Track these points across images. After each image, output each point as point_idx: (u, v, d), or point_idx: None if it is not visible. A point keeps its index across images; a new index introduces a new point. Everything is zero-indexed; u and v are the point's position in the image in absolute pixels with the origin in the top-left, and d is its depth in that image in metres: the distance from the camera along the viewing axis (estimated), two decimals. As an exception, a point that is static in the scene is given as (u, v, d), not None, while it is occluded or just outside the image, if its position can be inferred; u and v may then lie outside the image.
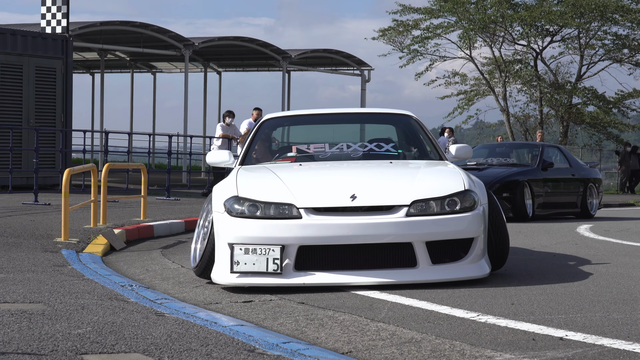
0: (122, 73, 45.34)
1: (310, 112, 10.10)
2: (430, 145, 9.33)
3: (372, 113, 10.41)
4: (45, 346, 4.99)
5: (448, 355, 5.16)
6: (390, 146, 9.29)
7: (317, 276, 7.41)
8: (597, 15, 39.15)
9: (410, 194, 7.59)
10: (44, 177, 21.72)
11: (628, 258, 10.33)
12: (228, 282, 7.49)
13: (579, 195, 19.59)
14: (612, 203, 27.82)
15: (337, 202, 7.50)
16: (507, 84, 41.42)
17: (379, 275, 7.42)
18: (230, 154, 9.18)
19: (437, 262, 7.52)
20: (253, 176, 8.31)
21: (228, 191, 7.77)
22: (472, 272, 7.64)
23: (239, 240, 7.42)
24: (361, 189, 7.63)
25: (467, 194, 7.70)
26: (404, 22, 40.83)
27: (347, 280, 7.41)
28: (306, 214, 7.45)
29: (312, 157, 9.18)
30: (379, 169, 8.58)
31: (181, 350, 5.01)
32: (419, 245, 7.45)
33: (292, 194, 7.59)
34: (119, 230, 12.11)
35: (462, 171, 8.19)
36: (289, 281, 7.39)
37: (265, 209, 7.52)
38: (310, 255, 7.44)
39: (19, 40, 22.24)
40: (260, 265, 7.35)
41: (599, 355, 5.03)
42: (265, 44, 35.61)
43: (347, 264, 7.45)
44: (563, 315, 6.33)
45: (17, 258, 9.43)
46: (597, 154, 45.01)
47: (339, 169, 8.60)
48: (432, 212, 7.55)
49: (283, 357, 4.91)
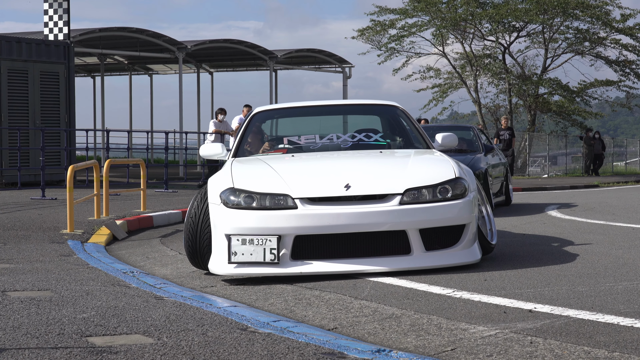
0: (120, 75, 45.30)
1: (299, 105, 9.79)
2: (417, 134, 9.03)
3: (359, 104, 9.98)
4: (52, 330, 4.98)
5: (426, 329, 5.17)
6: (378, 136, 9.01)
7: (314, 265, 7.10)
8: (559, 11, 39.20)
9: (403, 183, 7.30)
10: (50, 174, 21.67)
11: (592, 235, 10.36)
12: (226, 272, 7.20)
13: (502, 181, 16.72)
14: (578, 185, 27.88)
15: (332, 192, 7.23)
16: (478, 77, 41.45)
17: (375, 263, 7.13)
18: (223, 147, 8.92)
19: (430, 249, 7.24)
20: (247, 168, 8.00)
21: (224, 183, 7.48)
22: (464, 258, 7.36)
23: (236, 231, 7.13)
24: (355, 179, 7.35)
25: (458, 181, 7.41)
26: (381, 22, 40.79)
27: (343, 269, 7.09)
28: (301, 204, 7.16)
29: (303, 148, 8.90)
30: (370, 158, 8.25)
31: (179, 331, 5.00)
32: (413, 233, 7.16)
33: (287, 185, 7.30)
34: (121, 221, 12.08)
35: (452, 159, 7.92)
36: (286, 270, 7.09)
37: (261, 200, 7.23)
38: (307, 244, 7.15)
39: (24, 47, 22.15)
40: (258, 255, 7.07)
41: (565, 326, 5.04)
42: (253, 45, 35.55)
43: (343, 252, 7.16)
44: (532, 289, 6.34)
45: (26, 249, 9.40)
46: (563, 140, 45.11)
47: (331, 159, 8.27)
48: (424, 199, 7.25)
49: (273, 334, 4.91)
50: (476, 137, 16.35)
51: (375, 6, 40.79)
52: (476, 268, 7.46)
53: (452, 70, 42.09)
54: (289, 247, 7.11)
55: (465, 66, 42.05)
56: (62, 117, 22.94)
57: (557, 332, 4.88)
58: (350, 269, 7.11)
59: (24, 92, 22.08)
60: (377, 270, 7.13)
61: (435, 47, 41.67)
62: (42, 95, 22.48)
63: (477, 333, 4.96)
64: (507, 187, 16.99)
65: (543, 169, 43.19)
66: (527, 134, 41.40)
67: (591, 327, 4.99)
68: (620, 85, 42.32)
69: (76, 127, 23.57)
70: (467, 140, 16.34)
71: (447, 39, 41.27)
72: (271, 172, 7.64)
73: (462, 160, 14.41)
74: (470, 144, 16.18)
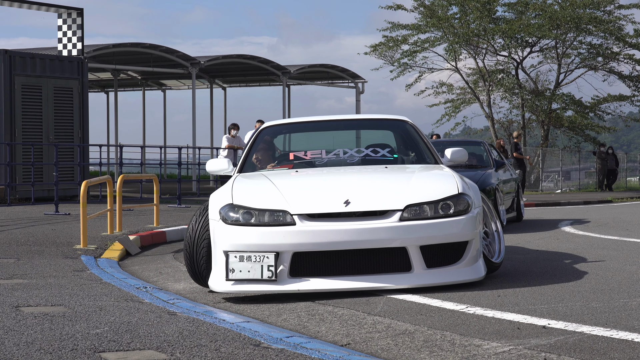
0: (134, 91, 45.45)
1: (308, 120, 9.71)
2: (426, 149, 8.88)
3: (368, 119, 9.79)
4: (65, 345, 4.99)
5: (440, 345, 5.15)
6: (386, 151, 8.85)
7: (312, 282, 6.95)
8: (572, 26, 39.17)
9: (403, 199, 7.15)
10: (63, 189, 21.71)
11: (606, 251, 10.32)
12: (224, 289, 7.07)
13: (513, 197, 16.61)
14: (591, 200, 27.80)
15: (331, 208, 7.09)
16: (490, 92, 41.41)
17: (374, 280, 6.98)
18: (229, 162, 8.80)
19: (432, 266, 7.07)
20: (249, 183, 7.88)
21: (223, 199, 7.36)
22: (467, 276, 7.19)
23: (233, 248, 7.02)
24: (355, 195, 7.21)
25: (460, 197, 7.26)
26: (393, 38, 40.83)
27: (343, 286, 6.94)
28: (300, 220, 7.03)
29: (309, 163, 8.75)
30: (373, 173, 8.15)
31: (192, 347, 5.00)
32: (414, 250, 7.00)
33: (286, 201, 7.17)
34: (134, 237, 12.10)
35: (457, 174, 7.77)
36: (283, 288, 6.95)
37: (259, 216, 7.10)
38: (306, 261, 7.00)
39: (38, 63, 22.24)
40: (255, 272, 6.94)
41: (579, 342, 5.02)
42: (266, 60, 35.62)
43: (342, 269, 7.00)
44: (545, 305, 6.32)
45: (40, 264, 9.42)
46: (576, 155, 45.01)
47: (334, 174, 8.12)
48: (425, 216, 7.10)
49: (286, 350, 4.91)
50: (487, 153, 16.22)
51: (388, 22, 40.91)
52: (489, 284, 7.44)
53: (465, 85, 42.07)
54: (287, 264, 6.98)
55: (478, 81, 42.03)
56: (75, 133, 23.01)
57: (571, 348, 4.86)
58: (349, 287, 6.96)
59: (37, 107, 22.16)
60: (376, 287, 6.98)
61: (448, 62, 41.69)
62: (56, 110, 22.56)
63: (490, 349, 4.94)
64: (518, 203, 16.86)
65: (556, 184, 43.09)
66: (540, 149, 41.33)
67: (605, 343, 4.97)
68: (634, 100, 42.23)
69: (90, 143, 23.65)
70: (478, 155, 16.20)
71: (460, 54, 41.28)
72: (272, 188, 7.52)
73: (472, 175, 14.42)
74: (480, 160, 16.03)
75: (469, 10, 39.41)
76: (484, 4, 38.98)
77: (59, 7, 24.22)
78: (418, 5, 40.31)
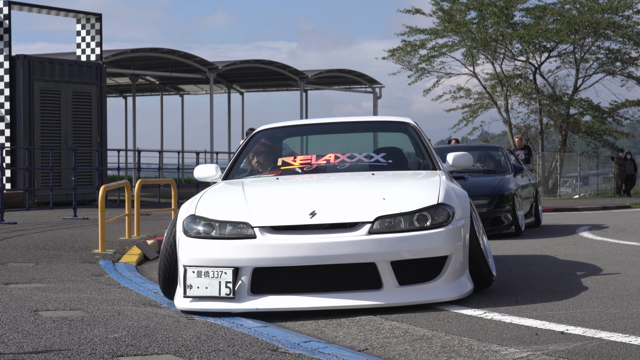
0: (152, 96, 45.58)
1: (303, 123, 9.21)
2: (425, 153, 8.27)
3: (368, 122, 9.27)
4: (83, 350, 5.00)
5: (457, 351, 5.14)
6: (380, 156, 8.21)
7: (273, 300, 6.41)
8: (590, 31, 39.07)
9: (375, 210, 6.52)
10: (82, 194, 21.80)
11: (624, 256, 10.28)
12: (182, 306, 6.56)
13: (531, 202, 16.27)
14: (609, 205, 27.70)
15: (295, 220, 6.50)
16: (508, 97, 41.32)
17: (341, 297, 6.39)
18: (217, 168, 8.30)
19: (405, 283, 6.43)
20: (220, 193, 7.29)
21: (188, 209, 6.84)
22: (445, 294, 6.53)
23: (192, 262, 6.51)
24: (323, 205, 6.61)
25: (439, 207, 6.59)
26: (411, 43, 40.79)
27: (305, 305, 6.38)
28: (261, 233, 6.47)
29: (294, 170, 8.14)
30: (352, 182, 7.48)
31: (209, 351, 5.00)
32: (383, 265, 6.36)
33: (249, 212, 6.62)
34: (152, 241, 12.13)
35: (444, 182, 7.09)
36: (241, 306, 6.41)
37: (220, 229, 6.58)
38: (267, 277, 6.43)
39: (57, 67, 22.36)
40: (213, 289, 6.42)
41: (597, 348, 5.00)
42: (283, 65, 35.67)
43: (307, 286, 6.41)
44: (564, 310, 6.30)
45: (58, 269, 9.45)
46: (594, 160, 44.86)
47: (308, 183, 7.53)
48: (399, 229, 6.45)
49: (304, 355, 4.91)
50: (505, 158, 16.15)
51: (406, 26, 40.82)
52: (507, 289, 7.42)
53: (483, 90, 41.99)
54: (247, 280, 6.42)
55: (495, 86, 41.94)
56: (94, 137, 23.11)
57: (590, 354, 4.84)
58: (312, 305, 6.40)
59: (56, 112, 22.28)
60: (343, 306, 6.40)
61: (465, 67, 41.63)
62: (75, 115, 22.67)
63: (508, 355, 4.93)
64: (536, 208, 16.78)
65: (574, 190, 42.94)
66: (558, 154, 41.20)
67: (624, 349, 4.95)
68: (653, 105, 42.08)
69: (108, 147, 23.74)
70: (496, 160, 16.07)
71: (478, 59, 41.21)
72: (239, 197, 6.97)
73: (490, 181, 14.48)
74: (499, 165, 15.90)
75: (487, 15, 39.34)
76: (502, 9, 38.92)
77: (78, 12, 24.34)
78: (436, 10, 40.28)
